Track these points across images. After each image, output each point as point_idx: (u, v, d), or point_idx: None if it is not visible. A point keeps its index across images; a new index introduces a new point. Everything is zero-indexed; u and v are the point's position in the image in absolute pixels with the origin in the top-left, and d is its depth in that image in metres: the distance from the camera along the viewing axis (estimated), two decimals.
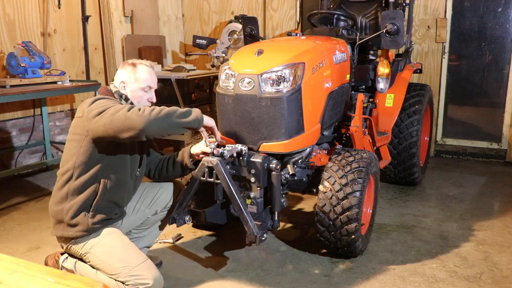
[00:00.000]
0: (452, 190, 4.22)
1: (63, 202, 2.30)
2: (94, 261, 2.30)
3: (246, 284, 2.66)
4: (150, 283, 2.20)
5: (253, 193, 2.71)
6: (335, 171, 2.78)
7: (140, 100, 2.47)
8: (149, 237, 2.78)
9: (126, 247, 2.32)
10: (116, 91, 2.43)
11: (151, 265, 2.30)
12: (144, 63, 2.50)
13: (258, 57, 2.81)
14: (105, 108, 2.17)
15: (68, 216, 2.28)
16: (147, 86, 2.47)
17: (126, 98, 2.43)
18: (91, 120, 2.18)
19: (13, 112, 4.57)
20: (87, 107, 2.24)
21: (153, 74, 2.53)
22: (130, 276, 2.21)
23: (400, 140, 3.95)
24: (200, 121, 2.31)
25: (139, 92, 2.45)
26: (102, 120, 2.14)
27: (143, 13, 5.69)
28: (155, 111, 2.15)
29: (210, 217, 2.80)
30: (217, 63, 5.40)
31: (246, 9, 5.97)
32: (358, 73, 3.50)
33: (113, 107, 2.16)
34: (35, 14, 4.67)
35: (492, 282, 2.66)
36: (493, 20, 5.07)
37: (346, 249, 2.81)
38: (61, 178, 2.33)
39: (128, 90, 2.44)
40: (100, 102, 2.25)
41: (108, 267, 2.26)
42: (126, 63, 2.48)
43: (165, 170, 2.68)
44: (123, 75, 2.45)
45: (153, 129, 2.13)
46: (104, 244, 2.29)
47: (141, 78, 2.45)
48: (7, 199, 4.03)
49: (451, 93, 5.38)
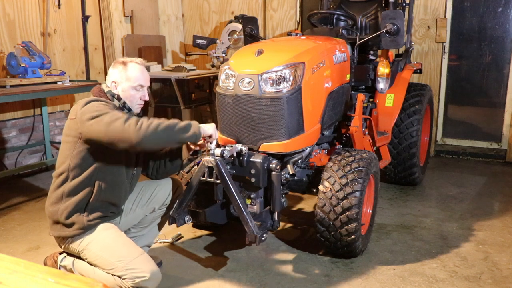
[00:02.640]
0: (452, 190, 4.22)
1: (59, 203, 2.32)
2: (91, 258, 2.30)
3: (246, 284, 2.66)
4: (147, 276, 2.20)
5: (253, 193, 2.71)
6: (335, 171, 2.78)
7: (132, 99, 2.43)
8: (148, 236, 2.78)
9: (122, 241, 2.33)
10: (108, 91, 2.41)
11: (147, 258, 2.30)
12: (134, 61, 2.45)
13: (258, 57, 2.81)
14: (100, 113, 2.16)
15: (63, 217, 2.29)
16: (138, 84, 2.42)
17: (118, 98, 2.41)
18: (84, 123, 2.19)
19: (13, 112, 4.57)
20: (80, 109, 2.24)
21: (145, 72, 2.48)
22: (127, 270, 2.21)
23: (400, 140, 3.95)
24: (198, 136, 2.33)
25: (130, 91, 2.41)
26: (97, 126, 2.15)
27: (143, 13, 5.69)
28: (153, 126, 2.15)
29: (210, 217, 2.80)
30: (217, 63, 5.40)
31: (246, 9, 5.97)
32: (358, 73, 3.50)
33: (108, 114, 2.15)
34: (35, 14, 4.67)
35: (492, 282, 2.66)
36: (493, 20, 5.07)
37: (346, 249, 2.81)
38: (56, 180, 2.35)
39: (119, 89, 2.41)
40: (93, 105, 2.24)
41: (104, 262, 2.26)
42: (117, 62, 2.44)
43: (163, 165, 2.65)
44: (114, 75, 2.41)
45: (149, 144, 2.17)
46: (99, 240, 2.30)
47: (132, 77, 2.41)
48: (7, 199, 4.03)
49: (451, 93, 5.38)
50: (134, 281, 2.21)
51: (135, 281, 2.21)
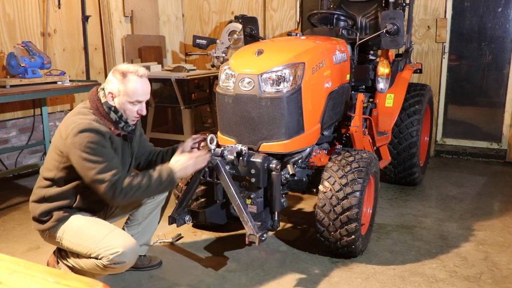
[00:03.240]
0: (452, 190, 4.22)
1: (41, 202, 2.35)
2: (69, 246, 2.31)
3: (246, 284, 2.66)
4: (120, 250, 2.19)
5: (253, 193, 2.71)
6: (335, 171, 2.78)
7: (129, 114, 2.33)
8: (145, 233, 2.73)
9: (91, 222, 2.33)
10: (105, 102, 2.30)
11: (119, 233, 2.30)
12: (135, 73, 2.30)
13: (258, 57, 2.81)
14: (89, 160, 2.14)
15: (42, 214, 2.34)
16: (136, 100, 2.30)
17: (115, 110, 2.31)
18: (73, 155, 2.18)
19: (13, 112, 4.57)
20: (71, 137, 2.17)
21: (145, 85, 2.33)
22: (100, 249, 2.20)
23: (400, 140, 3.95)
24: (175, 185, 2.42)
25: (127, 105, 2.31)
26: (82, 170, 2.18)
27: (143, 13, 5.69)
28: (132, 194, 2.22)
29: (210, 217, 2.80)
30: (217, 63, 5.40)
31: (246, 9, 5.97)
32: (358, 73, 3.50)
33: (96, 169, 2.14)
34: (35, 14, 4.67)
35: (492, 282, 2.66)
36: (493, 20, 5.07)
37: (346, 249, 2.81)
38: (42, 180, 2.37)
39: (116, 101, 2.30)
40: (86, 143, 2.15)
41: (80, 248, 2.27)
42: (117, 71, 2.30)
43: (154, 164, 2.63)
44: (112, 85, 2.29)
45: (126, 203, 2.36)
46: (71, 227, 2.30)
47: (130, 92, 2.28)
48: (7, 199, 4.03)
49: (451, 93, 5.38)
50: (109, 258, 2.19)
51: (109, 258, 2.19)
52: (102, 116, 2.29)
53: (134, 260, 2.29)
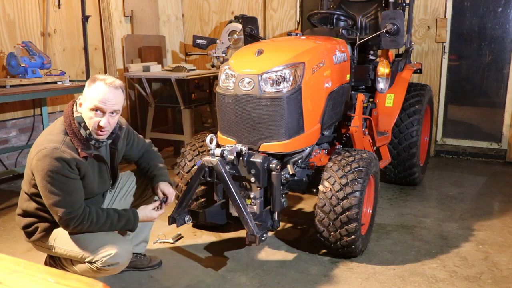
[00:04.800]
0: (452, 190, 4.22)
1: (24, 216, 2.34)
2: (62, 253, 2.29)
3: (246, 284, 2.66)
4: (113, 252, 2.18)
5: (253, 193, 2.71)
6: (335, 171, 2.78)
7: (89, 123, 2.15)
8: (142, 230, 2.69)
9: None
10: (77, 117, 2.18)
11: (111, 234, 2.29)
12: (103, 81, 2.14)
13: (258, 57, 2.81)
14: (48, 188, 2.09)
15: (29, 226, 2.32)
16: (94, 106, 2.12)
17: (85, 127, 2.17)
18: (35, 172, 2.13)
19: (13, 112, 4.57)
20: (36, 160, 2.09)
21: (108, 94, 2.12)
22: (93, 253, 2.19)
23: (400, 140, 3.95)
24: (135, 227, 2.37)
25: (88, 113, 2.14)
26: (42, 193, 2.13)
27: (143, 13, 5.69)
28: (91, 228, 2.18)
29: (210, 217, 2.80)
30: (217, 63, 5.40)
31: (246, 9, 5.97)
32: (358, 73, 3.50)
33: (53, 200, 2.10)
34: (35, 14, 4.66)
35: (492, 282, 2.66)
36: (493, 20, 5.07)
37: (346, 249, 2.81)
38: (22, 193, 2.33)
39: (82, 109, 2.17)
40: (47, 170, 2.07)
41: (73, 254, 2.25)
42: (89, 79, 2.19)
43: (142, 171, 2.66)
44: (83, 93, 2.18)
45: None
46: (62, 234, 2.27)
47: (91, 96, 2.12)
48: (7, 199, 4.03)
49: (451, 93, 5.38)
50: (102, 261, 2.18)
51: (102, 260, 2.18)
52: (73, 133, 2.17)
53: (128, 260, 2.29)
